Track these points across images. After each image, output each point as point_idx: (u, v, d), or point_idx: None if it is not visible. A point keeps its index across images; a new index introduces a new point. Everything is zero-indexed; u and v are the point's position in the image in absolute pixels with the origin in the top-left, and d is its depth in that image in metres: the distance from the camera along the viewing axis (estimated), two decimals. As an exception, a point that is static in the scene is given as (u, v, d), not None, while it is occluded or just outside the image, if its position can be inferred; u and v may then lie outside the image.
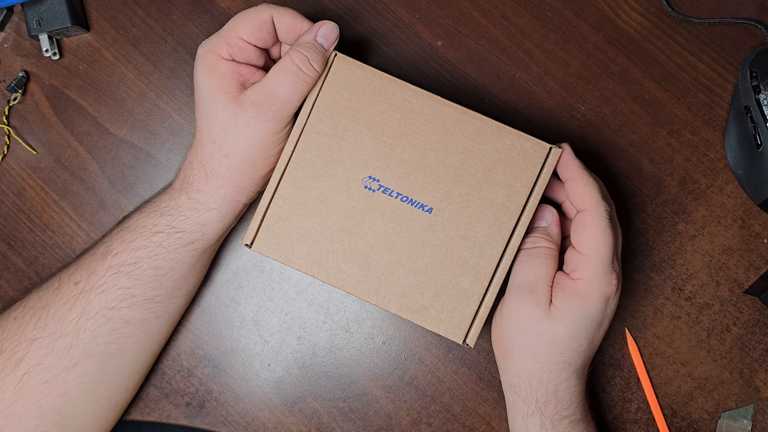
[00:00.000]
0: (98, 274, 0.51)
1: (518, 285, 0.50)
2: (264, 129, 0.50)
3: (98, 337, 0.51)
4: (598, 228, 0.49)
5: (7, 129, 0.60)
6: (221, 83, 0.50)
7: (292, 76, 0.49)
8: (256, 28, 0.51)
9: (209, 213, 0.52)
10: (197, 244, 0.53)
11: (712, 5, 0.61)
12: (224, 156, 0.51)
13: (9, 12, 0.61)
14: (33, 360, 0.50)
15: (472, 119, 0.49)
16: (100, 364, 0.51)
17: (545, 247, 0.50)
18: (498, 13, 0.61)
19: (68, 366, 0.50)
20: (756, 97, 0.57)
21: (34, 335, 0.50)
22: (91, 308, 0.51)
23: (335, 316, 0.60)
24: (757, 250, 0.59)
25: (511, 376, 0.51)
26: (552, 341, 0.49)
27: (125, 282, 0.51)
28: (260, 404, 0.59)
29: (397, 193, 0.49)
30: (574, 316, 0.49)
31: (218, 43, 0.51)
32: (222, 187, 0.51)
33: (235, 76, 0.51)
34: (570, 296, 0.49)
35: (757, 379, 0.59)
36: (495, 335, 0.52)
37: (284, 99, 0.49)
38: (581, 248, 0.50)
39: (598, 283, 0.49)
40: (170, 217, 0.52)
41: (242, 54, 0.51)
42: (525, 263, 0.50)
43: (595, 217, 0.49)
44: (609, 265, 0.49)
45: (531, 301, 0.49)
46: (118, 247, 0.52)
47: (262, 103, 0.49)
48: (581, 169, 0.51)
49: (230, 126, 0.50)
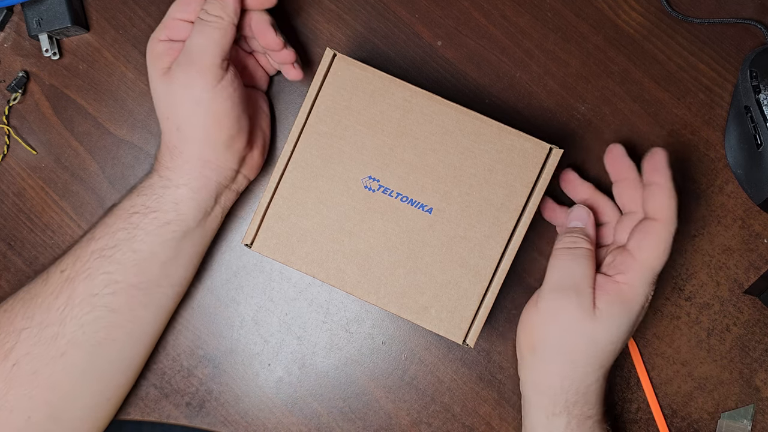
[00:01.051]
0: (82, 260, 0.52)
1: (561, 284, 0.50)
2: (196, 87, 0.50)
3: (84, 326, 0.51)
4: (663, 242, 0.49)
5: (7, 129, 0.60)
6: (157, 62, 0.52)
7: (198, 26, 0.51)
8: (184, 4, 0.53)
9: (179, 189, 0.52)
10: (174, 225, 0.52)
11: (712, 5, 0.61)
12: (176, 129, 0.51)
13: (9, 12, 0.61)
14: (22, 350, 0.50)
15: (472, 119, 0.49)
16: (88, 355, 0.51)
17: (586, 248, 0.51)
18: (498, 13, 0.61)
19: (56, 355, 0.50)
20: (756, 97, 0.57)
21: (23, 325, 0.51)
22: (76, 295, 0.51)
23: (335, 316, 0.60)
24: (757, 250, 0.59)
25: (539, 374, 0.51)
26: (592, 343, 0.49)
27: (107, 266, 0.51)
28: (260, 404, 0.59)
29: (397, 193, 0.49)
30: (618, 321, 0.49)
31: (157, 29, 0.53)
32: (186, 162, 0.52)
33: (170, 53, 0.52)
34: (614, 300, 0.49)
35: (757, 379, 0.59)
36: (525, 332, 0.52)
37: (199, 50, 0.50)
38: (638, 253, 0.50)
39: (642, 290, 0.50)
40: (145, 197, 0.52)
41: (180, 33, 0.53)
42: (567, 262, 0.50)
43: (664, 230, 0.49)
44: (655, 277, 0.50)
45: (575, 302, 0.49)
46: (100, 231, 0.52)
47: (183, 62, 0.50)
48: (671, 180, 0.50)
49: (169, 98, 0.51)
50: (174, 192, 0.52)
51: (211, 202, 0.54)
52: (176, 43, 0.53)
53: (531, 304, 0.52)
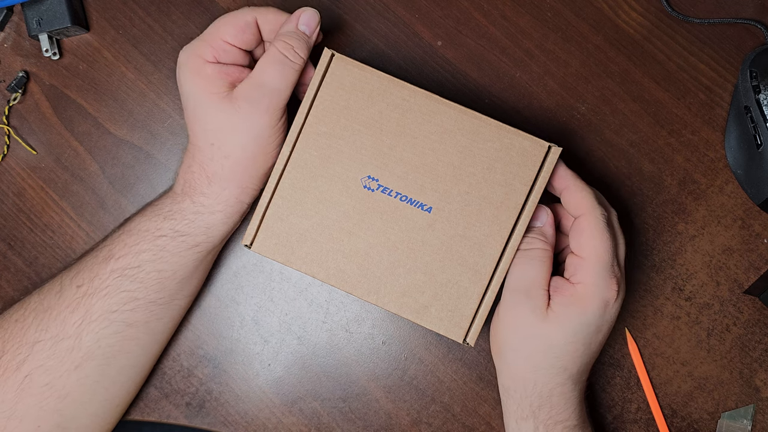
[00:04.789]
0: (101, 278, 0.51)
1: (514, 288, 0.50)
2: (259, 123, 0.50)
3: (101, 340, 0.51)
4: (595, 231, 0.49)
5: (7, 129, 0.60)
6: (209, 86, 0.50)
7: (279, 64, 0.50)
8: (239, 30, 0.51)
9: (214, 216, 0.52)
10: (202, 247, 0.52)
11: (712, 5, 0.61)
12: (224, 157, 0.50)
13: (9, 12, 0.61)
14: (35, 362, 0.50)
15: (470, 118, 0.49)
16: (102, 366, 0.51)
17: (540, 249, 0.50)
18: (498, 13, 0.61)
19: (70, 368, 0.50)
20: (756, 97, 0.57)
21: (36, 338, 0.50)
22: (93, 311, 0.51)
23: (335, 316, 0.60)
24: (757, 250, 0.59)
25: (506, 378, 0.51)
26: (548, 345, 0.49)
27: (128, 285, 0.51)
28: (260, 404, 0.59)
29: (396, 192, 0.49)
30: (572, 321, 0.49)
31: (202, 47, 0.51)
32: (225, 189, 0.51)
33: (222, 76, 0.51)
34: (569, 301, 0.49)
35: (757, 379, 0.58)
36: (492, 337, 0.52)
37: (274, 88, 0.49)
38: (580, 252, 0.50)
39: (597, 288, 0.49)
40: (174, 221, 0.52)
41: (227, 56, 0.52)
42: (521, 265, 0.50)
43: (591, 220, 0.49)
44: (608, 269, 0.49)
45: (527, 305, 0.49)
46: (120, 250, 0.52)
47: (254, 97, 0.49)
48: (574, 178, 0.51)
49: (225, 126, 0.50)
50: (208, 218, 0.52)
51: (239, 223, 0.54)
52: (227, 66, 0.51)
53: (495, 309, 0.52)
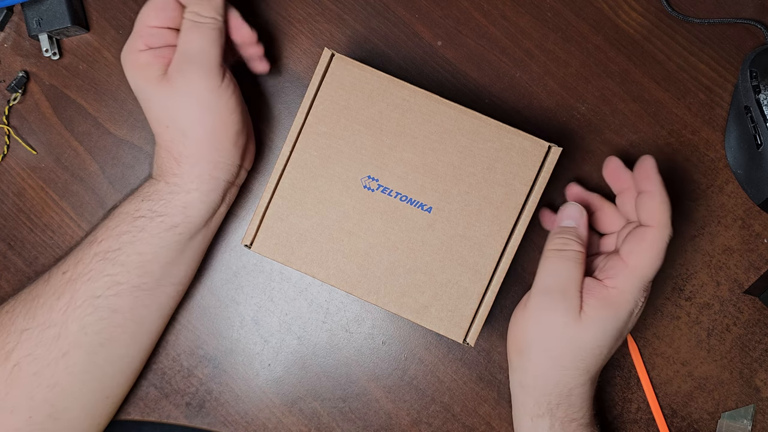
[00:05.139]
0: (84, 262, 0.51)
1: (549, 287, 0.49)
2: (198, 90, 0.50)
3: (86, 327, 0.51)
4: (656, 248, 0.49)
5: (7, 129, 0.60)
6: (146, 73, 0.51)
7: (192, 27, 0.50)
8: (159, 10, 0.52)
9: (190, 194, 0.52)
10: (181, 228, 0.52)
11: (712, 5, 0.61)
12: (182, 135, 0.51)
13: (9, 12, 0.61)
14: (23, 351, 0.50)
15: (470, 118, 0.49)
16: (89, 355, 0.51)
17: (576, 251, 0.50)
18: (498, 13, 0.61)
19: (57, 356, 0.50)
20: (756, 97, 0.57)
21: (24, 326, 0.51)
22: (78, 297, 0.51)
23: (335, 316, 0.60)
24: (757, 250, 0.59)
25: (526, 376, 0.51)
26: (578, 347, 0.49)
27: (110, 269, 0.51)
28: (260, 404, 0.59)
29: (396, 192, 0.49)
30: (605, 325, 0.49)
31: (133, 40, 0.52)
32: (194, 166, 0.51)
33: (157, 60, 0.51)
34: (602, 304, 0.49)
35: (757, 379, 0.58)
36: (514, 334, 0.51)
37: (198, 51, 0.50)
38: (629, 258, 0.49)
39: (632, 296, 0.49)
40: (151, 201, 0.52)
41: (157, 40, 0.52)
42: (556, 264, 0.50)
43: (657, 236, 0.49)
44: (647, 283, 0.49)
45: (561, 305, 0.49)
46: (102, 234, 0.52)
47: (183, 68, 0.50)
48: (662, 186, 0.50)
49: (170, 105, 0.50)
50: (184, 197, 0.52)
51: (219, 202, 0.54)
52: (159, 49, 0.52)
53: (520, 306, 0.51)
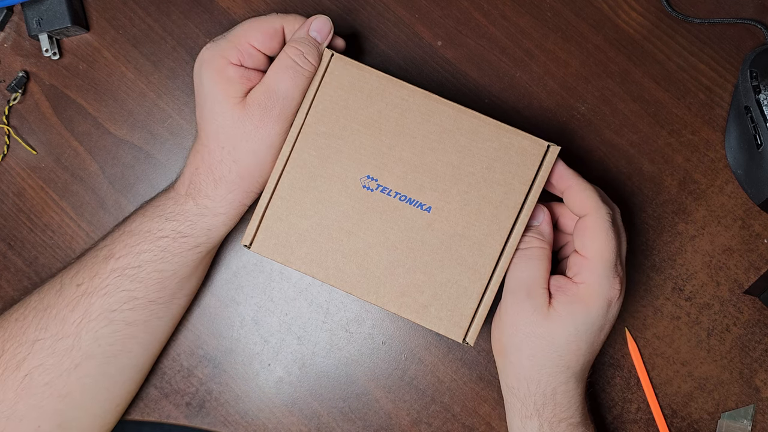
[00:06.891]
0: (101, 277, 0.51)
1: (514, 287, 0.50)
2: (272, 131, 0.50)
3: (100, 339, 0.51)
4: (600, 231, 0.49)
5: (7, 129, 0.60)
6: (229, 88, 0.50)
7: (290, 70, 0.49)
8: (267, 37, 0.51)
9: (217, 218, 0.52)
10: (202, 247, 0.53)
11: (712, 5, 0.61)
12: (233, 162, 0.50)
13: (9, 12, 0.61)
14: (34, 361, 0.50)
15: (469, 118, 0.49)
16: (101, 366, 0.51)
17: (538, 248, 0.50)
18: (498, 13, 0.61)
19: (70, 367, 0.50)
20: (756, 97, 0.57)
21: (36, 336, 0.50)
22: (93, 310, 0.51)
23: (335, 316, 0.60)
24: (757, 250, 0.59)
25: (510, 378, 0.51)
26: (551, 344, 0.49)
27: (128, 285, 0.51)
28: (260, 404, 0.59)
29: (395, 192, 0.49)
30: (575, 320, 0.49)
31: (228, 48, 0.51)
32: (231, 192, 0.51)
33: (243, 81, 0.50)
34: (572, 300, 0.49)
35: (757, 379, 0.58)
36: (494, 337, 0.52)
37: (285, 95, 0.49)
38: (584, 252, 0.50)
39: (601, 287, 0.49)
40: (176, 222, 0.51)
41: (251, 61, 0.51)
42: (519, 265, 0.50)
43: (596, 220, 0.49)
44: (612, 269, 0.49)
45: (528, 304, 0.49)
46: (121, 250, 0.52)
47: (266, 104, 0.49)
48: (576, 177, 0.50)
49: (238, 131, 0.50)
50: (211, 220, 0.52)
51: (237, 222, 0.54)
52: (249, 71, 0.51)
53: (496, 309, 0.52)
